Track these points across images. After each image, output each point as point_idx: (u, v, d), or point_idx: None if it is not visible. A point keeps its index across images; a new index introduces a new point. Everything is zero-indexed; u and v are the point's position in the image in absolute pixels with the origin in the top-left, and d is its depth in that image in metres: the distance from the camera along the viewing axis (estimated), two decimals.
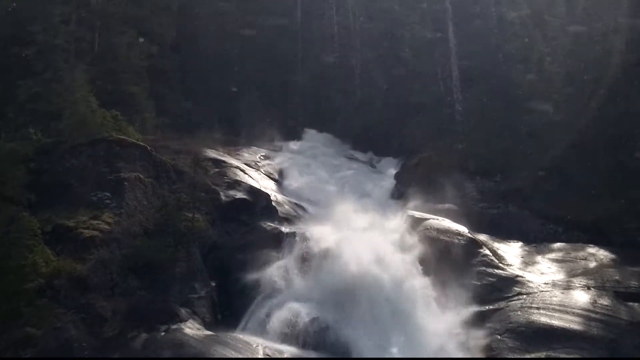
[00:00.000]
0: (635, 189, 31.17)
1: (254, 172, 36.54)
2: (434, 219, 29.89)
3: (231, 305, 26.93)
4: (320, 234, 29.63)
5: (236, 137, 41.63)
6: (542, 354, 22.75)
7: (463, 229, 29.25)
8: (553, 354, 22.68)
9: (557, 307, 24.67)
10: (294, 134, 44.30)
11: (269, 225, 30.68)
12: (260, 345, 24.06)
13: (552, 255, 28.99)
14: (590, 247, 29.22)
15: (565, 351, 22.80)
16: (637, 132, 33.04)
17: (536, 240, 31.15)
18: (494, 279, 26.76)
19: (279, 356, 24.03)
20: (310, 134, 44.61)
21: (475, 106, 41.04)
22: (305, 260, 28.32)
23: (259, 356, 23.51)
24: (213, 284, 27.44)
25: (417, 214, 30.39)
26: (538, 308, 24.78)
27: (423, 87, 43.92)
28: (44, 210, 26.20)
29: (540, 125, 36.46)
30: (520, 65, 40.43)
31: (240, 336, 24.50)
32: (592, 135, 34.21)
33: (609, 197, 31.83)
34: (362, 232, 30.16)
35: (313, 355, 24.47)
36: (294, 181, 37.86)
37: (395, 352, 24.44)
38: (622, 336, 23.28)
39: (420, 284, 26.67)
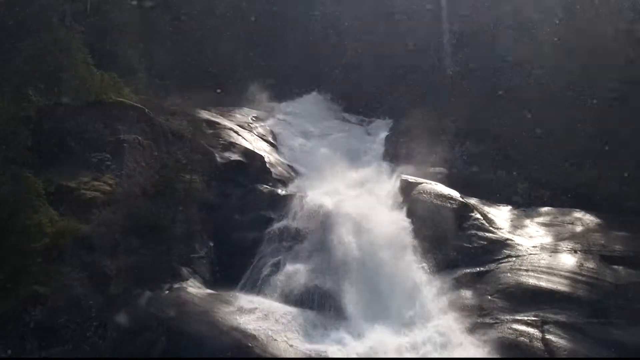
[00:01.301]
0: (621, 154, 32.03)
1: (247, 133, 36.68)
2: (426, 183, 30.51)
3: (229, 265, 27.61)
4: (316, 196, 30.30)
5: (227, 98, 41.62)
6: (531, 314, 23.73)
7: (455, 193, 29.87)
8: (541, 314, 23.65)
9: (545, 270, 25.55)
10: (284, 95, 44.21)
11: (265, 187, 31.24)
12: (260, 304, 24.85)
13: (540, 220, 29.81)
14: (576, 211, 30.08)
15: (553, 311, 23.71)
16: (625, 97, 33.68)
17: (524, 204, 31.93)
18: (485, 242, 27.50)
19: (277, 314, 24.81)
20: (301, 95, 44.61)
21: (466, 71, 41.52)
22: (301, 221, 28.99)
23: (256, 314, 24.24)
24: (211, 244, 28.09)
25: (411, 178, 30.95)
26: (527, 270, 25.64)
27: (414, 50, 44.20)
28: (45, 171, 26.45)
29: (530, 90, 36.99)
30: (511, 30, 40.81)
31: (242, 295, 25.32)
32: (580, 100, 34.98)
33: (595, 163, 32.72)
34: (356, 195, 30.85)
35: (310, 314, 25.25)
36: (286, 143, 38.14)
37: (389, 312, 25.31)
38: (606, 298, 24.28)
39: (413, 247, 27.43)
